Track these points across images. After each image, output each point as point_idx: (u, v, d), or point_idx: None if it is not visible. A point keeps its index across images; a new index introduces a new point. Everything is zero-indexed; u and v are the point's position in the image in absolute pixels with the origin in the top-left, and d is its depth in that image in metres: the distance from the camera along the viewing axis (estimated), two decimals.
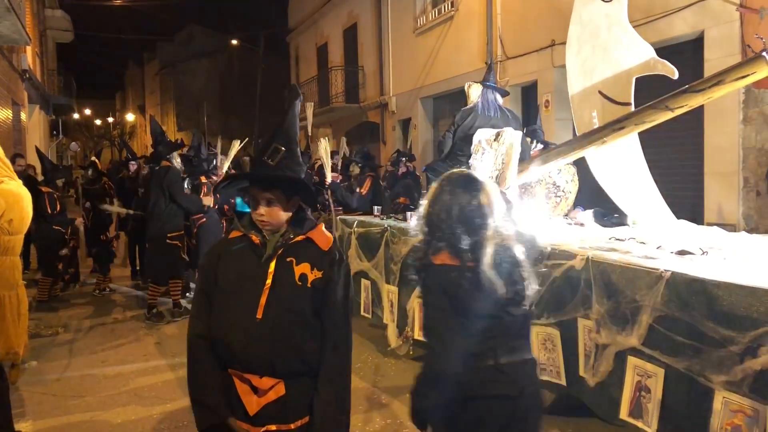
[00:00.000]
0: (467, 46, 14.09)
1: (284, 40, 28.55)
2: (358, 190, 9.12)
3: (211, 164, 8.98)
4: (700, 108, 7.98)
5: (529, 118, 12.37)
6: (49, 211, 8.18)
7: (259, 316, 2.34)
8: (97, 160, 12.60)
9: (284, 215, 2.47)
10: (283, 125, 2.50)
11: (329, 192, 7.84)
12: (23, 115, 19.30)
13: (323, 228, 2.58)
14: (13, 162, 10.17)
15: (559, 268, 4.02)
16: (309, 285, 2.40)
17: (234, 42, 37.57)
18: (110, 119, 60.28)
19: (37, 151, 10.13)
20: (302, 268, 2.42)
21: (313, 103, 14.69)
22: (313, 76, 23.80)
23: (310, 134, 13.64)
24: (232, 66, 43.24)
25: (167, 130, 48.10)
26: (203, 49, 44.13)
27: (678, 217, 5.49)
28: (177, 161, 7.88)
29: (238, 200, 8.40)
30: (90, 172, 10.11)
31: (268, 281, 2.38)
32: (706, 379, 3.07)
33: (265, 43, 32.53)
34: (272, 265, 2.40)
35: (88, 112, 55.80)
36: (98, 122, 59.56)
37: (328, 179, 8.07)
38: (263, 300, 2.36)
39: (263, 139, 2.40)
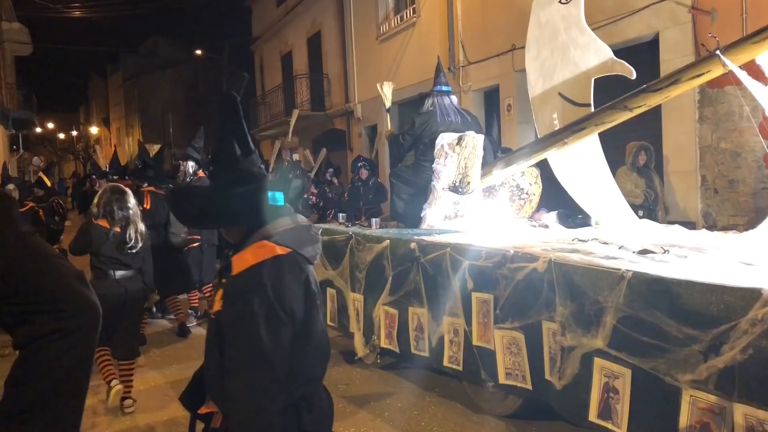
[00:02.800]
0: (430, 52, 14.08)
1: (249, 49, 28.36)
2: None
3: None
4: (658, 108, 8.08)
5: (491, 124, 12.45)
6: None
7: None
8: (44, 176, 12.14)
9: (237, 230, 2.21)
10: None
11: None
12: None
13: (261, 245, 2.11)
14: None
15: (521, 271, 3.98)
16: (212, 317, 2.14)
17: (198, 52, 37.24)
18: (74, 133, 59.25)
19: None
20: (219, 297, 2.13)
21: (297, 111, 14.48)
22: (278, 84, 23.65)
23: (288, 141, 13.37)
24: (197, 77, 42.82)
25: (132, 142, 47.51)
26: (167, 60, 43.62)
27: (639, 217, 5.53)
28: None
29: None
30: (36, 189, 9.52)
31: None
32: (673, 378, 3.05)
33: (230, 53, 32.32)
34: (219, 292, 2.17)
35: (51, 125, 54.76)
36: (62, 136, 58.49)
37: None
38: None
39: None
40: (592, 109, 5.30)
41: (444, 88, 6.47)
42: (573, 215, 5.99)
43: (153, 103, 43.79)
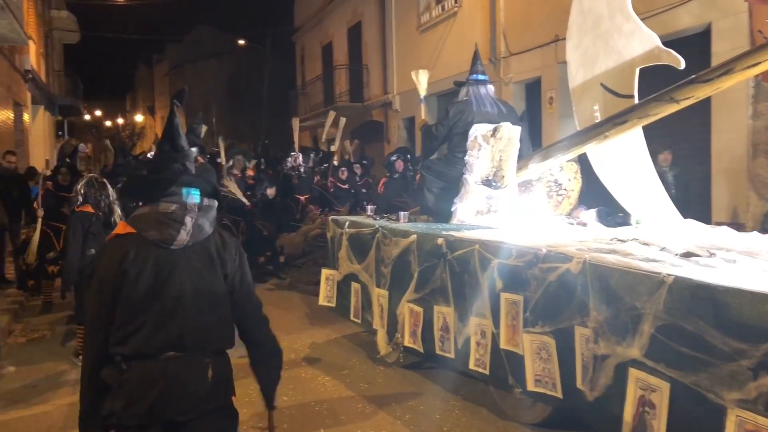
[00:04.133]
0: (471, 43, 13.73)
1: (290, 39, 28.34)
2: None
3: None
4: (707, 103, 7.67)
5: (533, 117, 12.07)
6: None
7: None
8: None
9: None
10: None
11: None
12: (26, 116, 19.17)
13: (121, 223, 2.66)
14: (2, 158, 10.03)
15: (554, 272, 3.72)
16: None
17: (241, 42, 37.40)
18: (120, 120, 60.27)
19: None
20: None
21: (298, 119, 14.37)
22: (318, 75, 23.57)
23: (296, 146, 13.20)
24: (240, 66, 43.07)
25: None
26: (211, 50, 43.98)
27: (684, 217, 5.17)
28: None
29: None
30: (60, 176, 9.05)
31: None
32: (717, 396, 2.77)
33: (272, 43, 32.38)
34: None
35: (98, 113, 55.83)
36: (108, 123, 59.55)
37: None
38: None
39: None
40: (636, 101, 4.97)
41: (480, 77, 6.19)
42: (614, 213, 5.67)
43: (196, 93, 44.20)
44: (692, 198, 7.71)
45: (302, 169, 10.97)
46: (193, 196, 2.60)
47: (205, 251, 2.59)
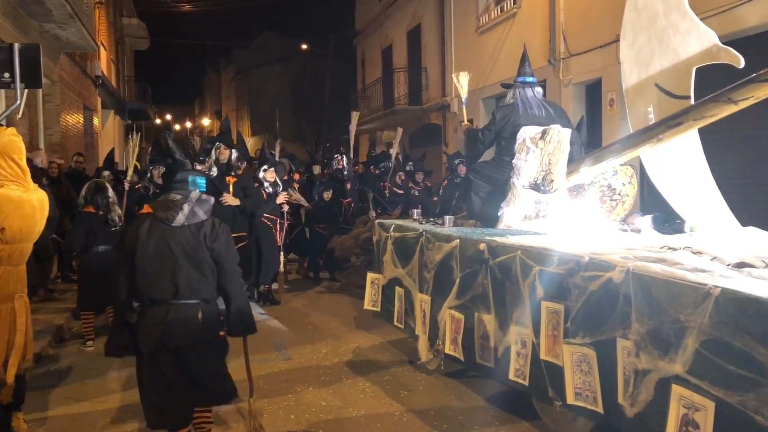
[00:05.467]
0: (530, 44, 13.47)
1: (351, 44, 28.53)
2: None
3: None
4: None
5: (593, 118, 11.73)
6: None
7: None
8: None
9: None
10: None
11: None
12: (96, 120, 19.88)
13: (146, 207, 4.09)
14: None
15: (596, 281, 3.55)
16: None
17: (304, 47, 37.87)
18: (188, 124, 61.97)
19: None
20: None
21: (358, 113, 14.44)
22: (377, 78, 23.61)
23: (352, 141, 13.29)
24: (304, 71, 43.63)
25: (242, 134, 49.03)
26: (276, 54, 44.69)
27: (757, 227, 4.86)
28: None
29: None
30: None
31: None
32: (765, 418, 2.58)
33: (334, 47, 32.66)
34: None
35: (168, 117, 57.62)
36: (177, 127, 61.35)
37: None
38: None
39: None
40: (692, 102, 4.72)
41: (528, 78, 6.03)
42: (671, 220, 5.40)
43: (262, 97, 45.00)
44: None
45: (345, 172, 10.95)
46: (199, 184, 3.81)
47: (197, 230, 3.69)
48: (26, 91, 9.57)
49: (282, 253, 9.03)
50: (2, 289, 3.87)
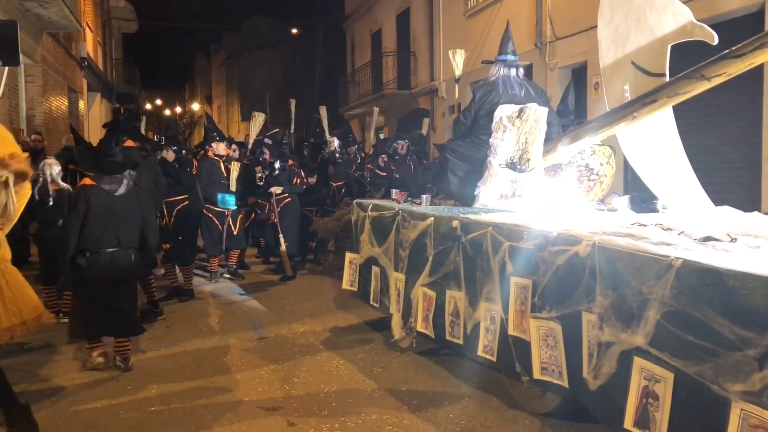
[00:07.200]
0: (516, 28, 13.39)
1: (341, 27, 28.33)
2: None
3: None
4: (759, 85, 7.25)
5: (578, 102, 11.69)
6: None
7: None
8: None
9: None
10: None
11: None
12: (81, 103, 19.71)
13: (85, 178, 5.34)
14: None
15: (562, 255, 3.54)
16: None
17: (294, 31, 37.60)
18: (178, 109, 61.56)
19: (72, 130, 9.75)
20: None
21: (325, 106, 14.41)
22: (366, 62, 23.49)
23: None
24: (294, 55, 43.36)
25: (231, 119, 48.72)
26: (267, 39, 44.38)
27: (733, 206, 4.85)
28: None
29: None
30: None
31: None
32: (721, 387, 2.59)
33: (324, 31, 32.43)
34: None
35: (159, 102, 57.21)
36: (167, 112, 60.93)
37: None
38: None
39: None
40: (667, 80, 4.70)
41: (510, 57, 5.98)
42: (648, 200, 5.40)
43: (252, 82, 44.76)
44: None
45: (337, 156, 10.88)
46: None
47: (130, 195, 5.24)
48: (6, 70, 9.42)
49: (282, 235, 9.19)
50: None
